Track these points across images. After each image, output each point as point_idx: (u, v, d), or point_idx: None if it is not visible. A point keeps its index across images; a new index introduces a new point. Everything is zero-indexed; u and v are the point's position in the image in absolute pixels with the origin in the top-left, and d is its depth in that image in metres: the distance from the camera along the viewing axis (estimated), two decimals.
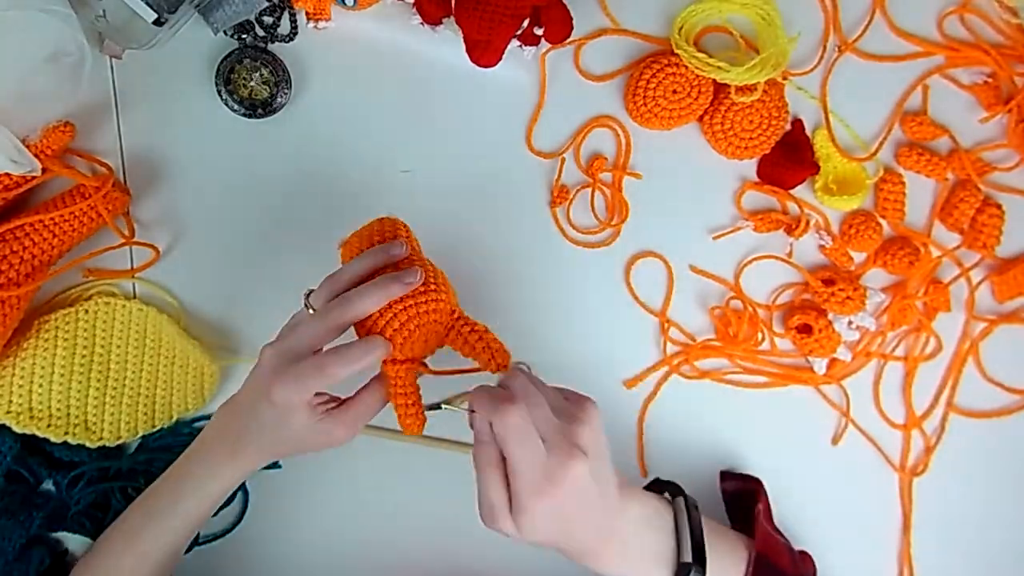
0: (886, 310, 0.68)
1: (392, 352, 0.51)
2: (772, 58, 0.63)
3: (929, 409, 0.68)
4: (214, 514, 0.57)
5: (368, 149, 0.66)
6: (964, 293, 0.68)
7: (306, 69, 0.65)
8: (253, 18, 0.64)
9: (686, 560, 0.51)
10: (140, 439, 0.65)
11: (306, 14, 0.64)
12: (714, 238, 0.67)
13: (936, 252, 0.68)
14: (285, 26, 0.65)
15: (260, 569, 0.66)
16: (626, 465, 0.67)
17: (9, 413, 0.61)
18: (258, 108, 0.64)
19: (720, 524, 0.57)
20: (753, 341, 0.67)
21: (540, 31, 0.62)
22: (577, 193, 0.67)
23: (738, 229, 0.67)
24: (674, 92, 0.64)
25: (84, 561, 0.56)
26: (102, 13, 0.57)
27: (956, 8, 0.67)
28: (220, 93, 0.63)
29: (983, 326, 0.68)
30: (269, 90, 0.64)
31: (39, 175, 0.58)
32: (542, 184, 0.67)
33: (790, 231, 0.67)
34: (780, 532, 0.63)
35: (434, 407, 0.66)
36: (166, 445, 0.64)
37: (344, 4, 0.63)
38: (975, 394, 0.68)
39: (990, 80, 0.67)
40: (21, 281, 0.59)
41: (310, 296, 0.52)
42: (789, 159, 0.66)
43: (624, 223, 0.67)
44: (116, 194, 0.62)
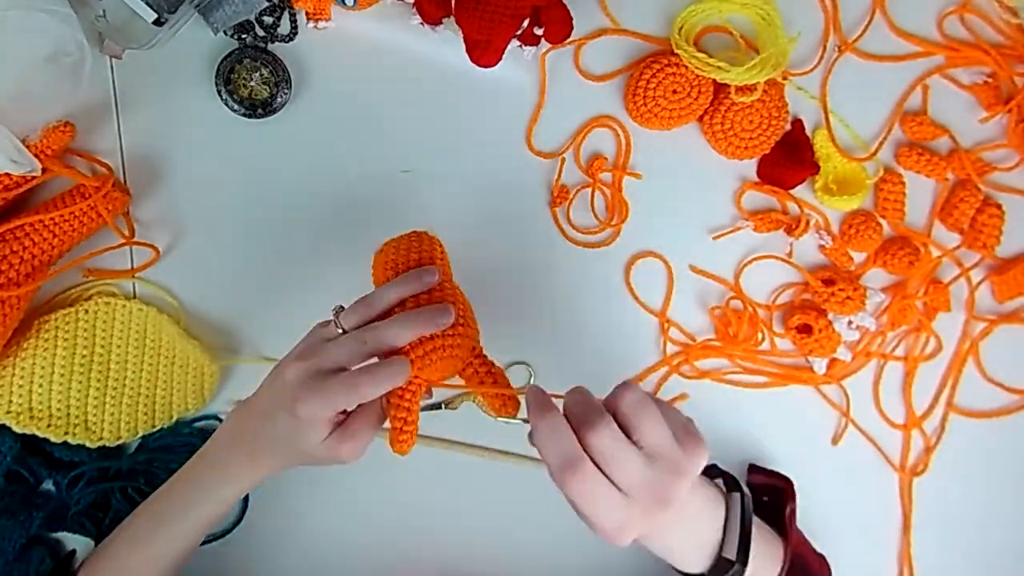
0: (886, 310, 0.68)
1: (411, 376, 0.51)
2: (772, 58, 0.63)
3: (929, 409, 0.68)
4: None
5: (368, 149, 0.66)
6: (964, 293, 0.68)
7: (306, 69, 0.65)
8: (253, 18, 0.64)
9: (729, 556, 0.52)
10: (140, 439, 0.65)
11: (306, 14, 0.64)
12: (714, 238, 0.67)
13: (936, 252, 0.68)
14: (285, 26, 0.65)
15: (260, 569, 0.66)
16: None
17: (9, 413, 0.61)
18: (258, 108, 0.64)
19: (759, 520, 0.57)
20: (753, 341, 0.67)
21: (540, 31, 0.62)
22: (577, 193, 0.67)
23: (738, 229, 0.67)
24: (674, 92, 0.64)
25: (89, 563, 0.56)
26: (102, 13, 0.57)
27: (956, 8, 0.67)
28: (220, 93, 0.63)
29: (983, 326, 0.68)
30: (269, 90, 0.64)
31: (39, 175, 0.58)
32: (542, 184, 0.67)
33: (790, 231, 0.67)
34: (802, 533, 0.63)
35: (435, 407, 0.66)
36: (166, 445, 0.64)
37: (344, 4, 0.63)
38: (975, 394, 0.68)
39: (990, 80, 0.67)
40: (21, 281, 0.59)
41: (339, 315, 0.52)
42: (789, 159, 0.66)
43: (624, 223, 0.67)
44: (116, 194, 0.62)
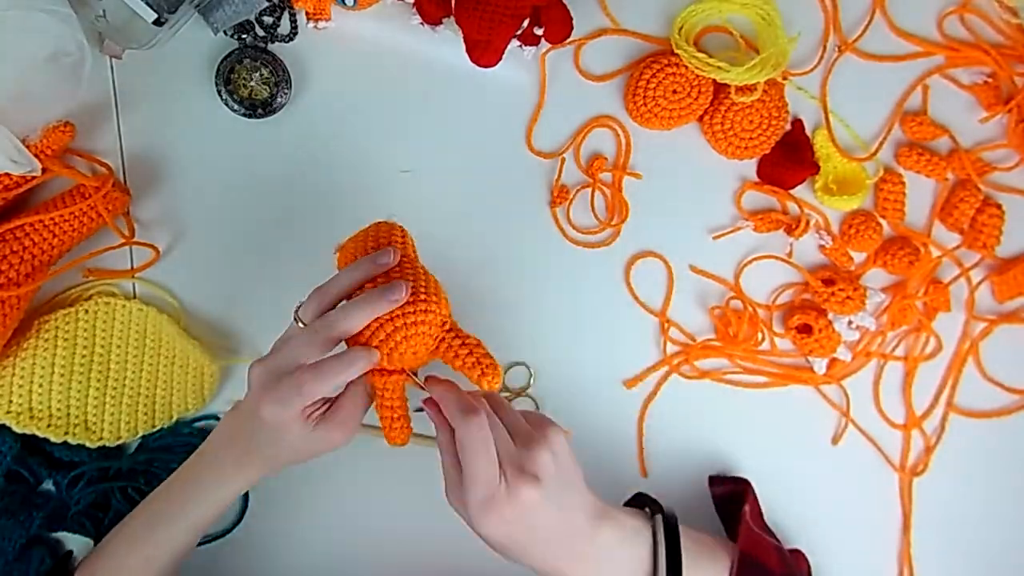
0: (886, 310, 0.68)
1: (379, 363, 0.50)
2: (772, 58, 0.63)
3: (929, 409, 0.68)
4: None
5: (368, 149, 0.66)
6: (964, 293, 0.68)
7: (306, 69, 0.65)
8: (253, 18, 0.64)
9: None
10: (140, 439, 0.65)
11: (306, 14, 0.64)
12: (714, 238, 0.67)
13: (936, 252, 0.68)
14: (285, 26, 0.65)
15: (260, 569, 0.66)
16: (626, 465, 0.67)
17: (9, 413, 0.61)
18: (258, 108, 0.64)
19: (703, 533, 0.57)
20: (753, 341, 0.67)
21: (540, 31, 0.62)
22: (577, 193, 0.67)
23: (738, 229, 0.67)
24: (674, 92, 0.64)
25: (87, 562, 0.56)
26: (102, 13, 0.57)
27: (956, 8, 0.67)
28: (220, 93, 0.63)
29: (983, 326, 0.68)
30: (269, 90, 0.64)
31: (39, 175, 0.58)
32: (542, 184, 0.67)
33: (790, 231, 0.67)
34: (770, 531, 0.63)
35: None
36: (166, 445, 0.64)
37: (344, 4, 0.63)
38: (975, 394, 0.68)
39: (990, 80, 0.67)
40: (21, 281, 0.59)
41: (299, 310, 0.51)
42: (789, 159, 0.66)
43: (624, 223, 0.67)
44: (116, 194, 0.62)
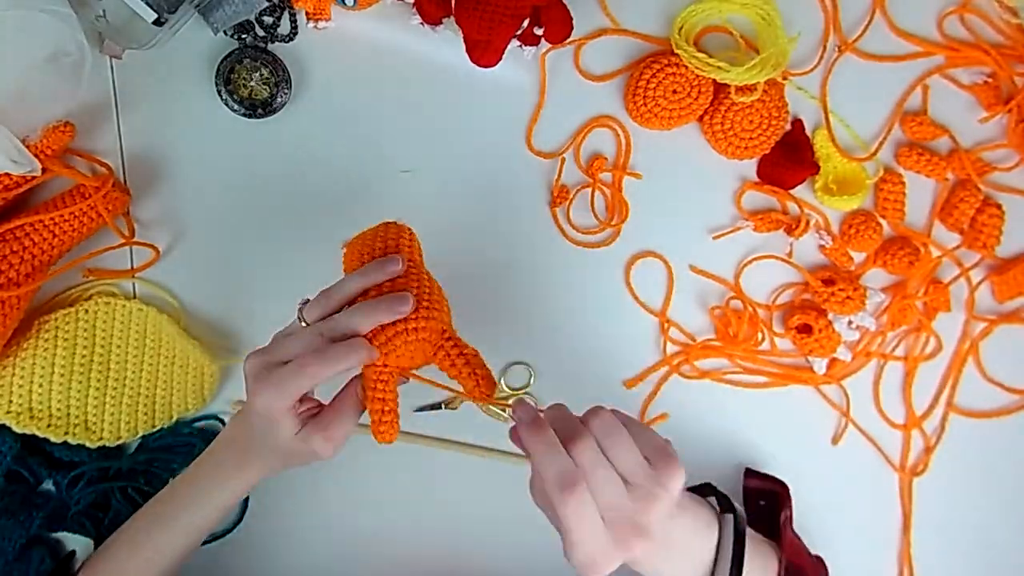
0: (886, 310, 0.68)
1: (377, 361, 0.50)
2: (772, 58, 0.63)
3: (929, 409, 0.68)
4: None
5: (368, 149, 0.66)
6: (964, 293, 0.68)
7: (306, 69, 0.65)
8: (253, 18, 0.64)
9: None
10: (140, 439, 0.65)
11: (306, 14, 0.64)
12: (714, 238, 0.67)
13: (936, 252, 0.68)
14: (285, 26, 0.65)
15: (260, 569, 0.66)
16: None
17: (9, 413, 0.61)
18: (258, 108, 0.64)
19: (752, 532, 0.56)
20: (753, 341, 0.67)
21: (540, 31, 0.62)
22: (577, 193, 0.67)
23: (738, 229, 0.67)
24: (674, 92, 0.64)
25: (89, 564, 0.56)
26: (102, 13, 0.57)
27: (956, 8, 0.67)
28: (220, 93, 0.63)
29: (983, 326, 0.68)
30: (269, 90, 0.64)
31: (39, 175, 0.58)
32: (542, 184, 0.67)
33: (790, 231, 0.67)
34: (799, 537, 0.63)
35: (434, 407, 0.66)
36: (166, 445, 0.64)
37: (344, 4, 0.63)
38: (975, 394, 0.68)
39: (990, 80, 0.67)
40: (21, 281, 0.59)
41: (303, 308, 0.51)
42: (789, 159, 0.66)
43: (624, 223, 0.67)
44: (116, 194, 0.62)
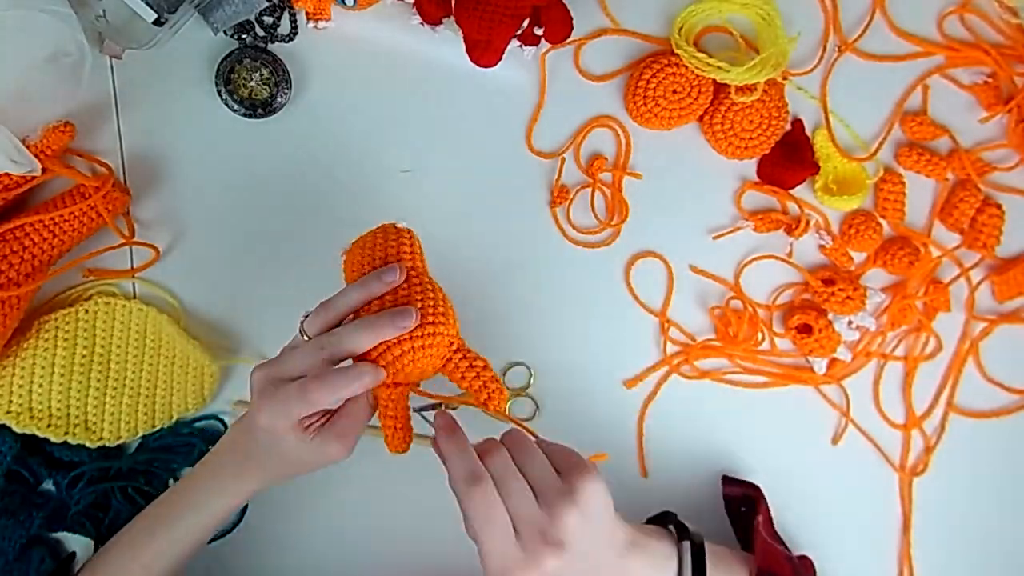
0: (886, 310, 0.68)
1: (385, 380, 0.49)
2: (772, 58, 0.63)
3: (929, 409, 0.68)
4: None
5: (368, 149, 0.66)
6: (964, 293, 0.68)
7: (306, 69, 0.65)
8: (253, 18, 0.64)
9: None
10: (140, 439, 0.65)
11: (306, 14, 0.64)
12: (714, 238, 0.67)
13: (936, 252, 0.68)
14: (285, 26, 0.65)
15: (260, 569, 0.66)
16: (626, 465, 0.67)
17: (9, 413, 0.61)
18: (258, 108, 0.64)
19: (723, 547, 0.57)
20: (753, 341, 0.67)
21: (540, 31, 0.62)
22: (577, 193, 0.67)
23: (738, 229, 0.67)
24: (674, 92, 0.64)
25: (89, 567, 0.56)
26: (102, 13, 0.57)
27: (956, 8, 0.67)
28: (220, 93, 0.63)
29: (983, 326, 0.68)
30: (269, 90, 0.64)
31: (39, 175, 0.58)
32: (542, 184, 0.67)
33: (790, 231, 0.67)
34: (780, 539, 0.63)
35: (434, 407, 0.66)
36: (166, 445, 0.64)
37: (344, 4, 0.63)
38: (975, 394, 0.68)
39: (990, 80, 0.67)
40: (21, 281, 0.59)
41: (305, 321, 0.50)
42: (789, 159, 0.66)
43: (624, 223, 0.67)
44: (116, 194, 0.62)
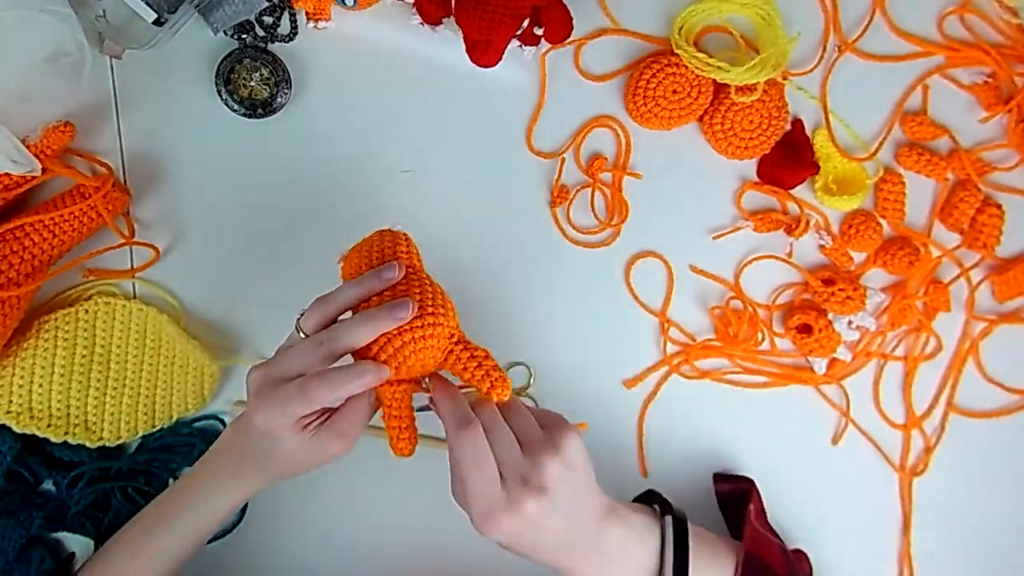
0: (886, 310, 0.68)
1: (389, 377, 0.48)
2: (772, 58, 0.63)
3: (929, 409, 0.68)
4: None
5: (368, 149, 0.66)
6: (964, 293, 0.68)
7: (306, 69, 0.65)
8: (253, 18, 0.64)
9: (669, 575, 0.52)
10: (140, 439, 0.65)
11: (306, 14, 0.64)
12: (714, 238, 0.67)
13: (936, 252, 0.68)
14: (285, 26, 0.65)
15: (260, 569, 0.66)
16: (626, 465, 0.67)
17: (9, 413, 0.61)
18: (258, 108, 0.64)
19: (711, 532, 0.57)
20: (753, 341, 0.67)
21: (540, 31, 0.62)
22: (577, 193, 0.67)
23: (738, 229, 0.67)
24: (674, 92, 0.64)
25: (88, 566, 0.56)
26: (102, 13, 0.57)
27: (956, 8, 0.67)
28: (220, 93, 0.63)
29: (983, 326, 0.68)
30: (269, 90, 0.64)
31: (39, 175, 0.58)
32: (542, 184, 0.67)
33: (790, 231, 0.67)
34: (774, 532, 0.63)
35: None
36: (166, 445, 0.64)
37: (344, 4, 0.63)
38: (975, 394, 0.68)
39: (990, 80, 0.67)
40: (21, 281, 0.59)
41: (301, 319, 0.50)
42: (789, 159, 0.66)
43: (624, 223, 0.67)
44: (116, 194, 0.62)
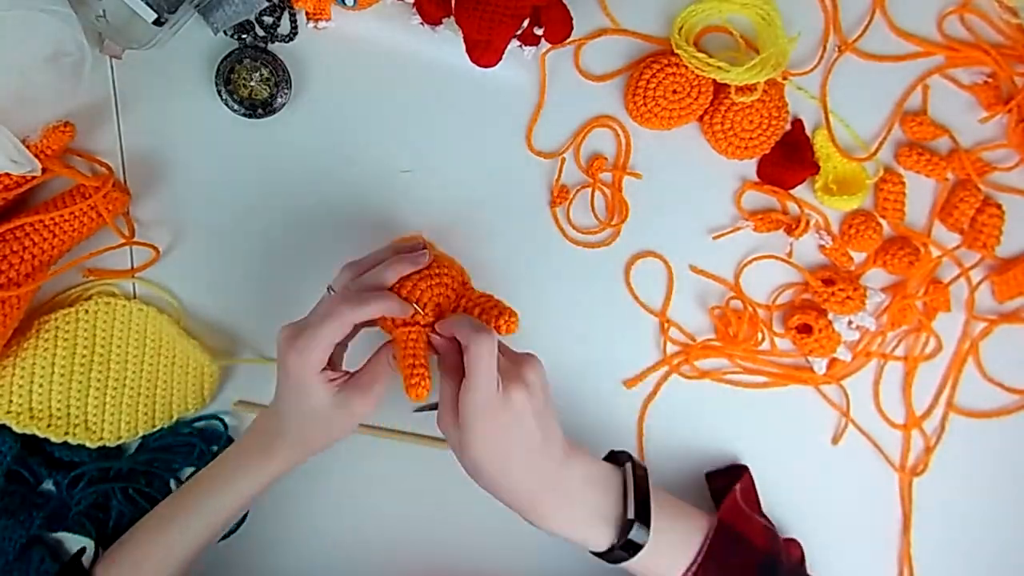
0: (886, 310, 0.68)
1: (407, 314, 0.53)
2: (772, 58, 0.63)
3: (929, 409, 0.68)
4: None
5: (368, 149, 0.66)
6: (964, 293, 0.68)
7: (306, 69, 0.65)
8: (253, 18, 0.64)
9: (630, 516, 0.52)
10: (140, 439, 0.65)
11: (306, 14, 0.64)
12: (714, 238, 0.67)
13: (936, 252, 0.68)
14: (285, 26, 0.65)
15: (260, 569, 0.66)
16: None
17: (9, 413, 0.61)
18: (258, 108, 0.64)
19: (679, 500, 0.58)
20: (753, 341, 0.67)
21: (540, 31, 0.62)
22: (577, 193, 0.67)
23: (738, 229, 0.67)
24: (674, 92, 0.64)
25: (111, 552, 0.56)
26: (102, 13, 0.57)
27: (956, 8, 0.67)
28: (220, 93, 0.63)
29: (983, 326, 0.68)
30: (269, 90, 0.64)
31: (39, 175, 0.58)
32: (542, 184, 0.67)
33: (790, 231, 0.67)
34: (765, 516, 0.63)
35: (433, 407, 0.66)
36: (166, 445, 0.65)
37: (344, 4, 0.63)
38: (975, 394, 0.68)
39: (990, 80, 0.67)
40: (21, 281, 0.59)
41: (332, 285, 0.55)
42: (789, 159, 0.66)
43: (624, 223, 0.67)
44: (116, 194, 0.62)
